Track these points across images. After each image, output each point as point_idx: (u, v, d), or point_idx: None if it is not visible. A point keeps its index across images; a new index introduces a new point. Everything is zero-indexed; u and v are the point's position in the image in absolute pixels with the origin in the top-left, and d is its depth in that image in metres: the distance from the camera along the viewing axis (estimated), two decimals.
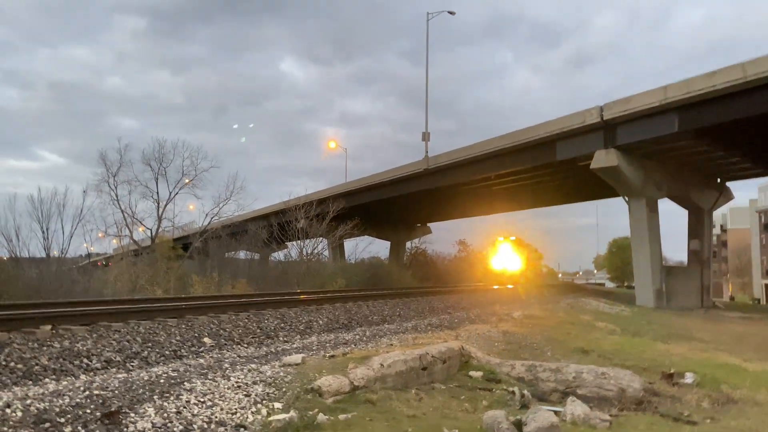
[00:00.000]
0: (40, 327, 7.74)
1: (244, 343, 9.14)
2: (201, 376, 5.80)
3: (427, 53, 43.51)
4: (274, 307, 12.60)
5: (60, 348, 7.08)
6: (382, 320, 13.13)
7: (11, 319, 7.92)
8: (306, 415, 4.94)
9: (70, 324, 8.28)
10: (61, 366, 6.58)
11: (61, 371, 6.44)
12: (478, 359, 8.27)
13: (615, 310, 23.39)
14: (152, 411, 4.66)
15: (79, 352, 7.08)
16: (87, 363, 6.85)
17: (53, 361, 6.64)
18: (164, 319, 9.62)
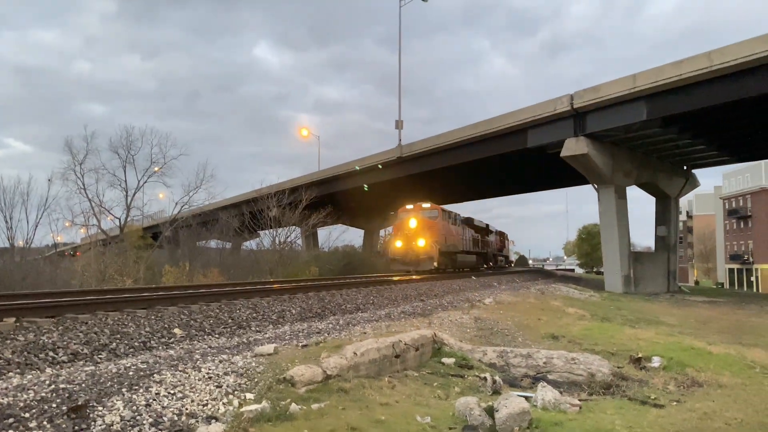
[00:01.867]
0: (3, 320, 7.53)
1: (216, 333, 9.04)
2: (171, 368, 5.71)
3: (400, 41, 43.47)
4: (246, 296, 12.49)
5: (24, 341, 6.91)
6: (356, 308, 13.12)
7: None
8: (278, 405, 4.91)
9: (35, 316, 8.09)
10: (26, 359, 6.41)
11: (26, 365, 6.28)
12: (451, 346, 8.33)
13: (584, 296, 23.79)
14: (121, 404, 4.57)
15: (45, 345, 6.91)
16: (53, 356, 6.69)
17: (17, 355, 6.47)
18: (133, 310, 9.46)
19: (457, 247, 31.80)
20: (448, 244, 29.73)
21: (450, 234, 30.26)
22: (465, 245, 33.97)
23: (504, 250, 54.14)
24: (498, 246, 49.63)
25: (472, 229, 37.14)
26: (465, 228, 34.54)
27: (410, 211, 28.80)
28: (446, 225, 29.84)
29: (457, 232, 32.05)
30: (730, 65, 21.49)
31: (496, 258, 48.68)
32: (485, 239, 41.64)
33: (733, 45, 21.59)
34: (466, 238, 34.32)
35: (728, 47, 21.68)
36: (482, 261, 40.62)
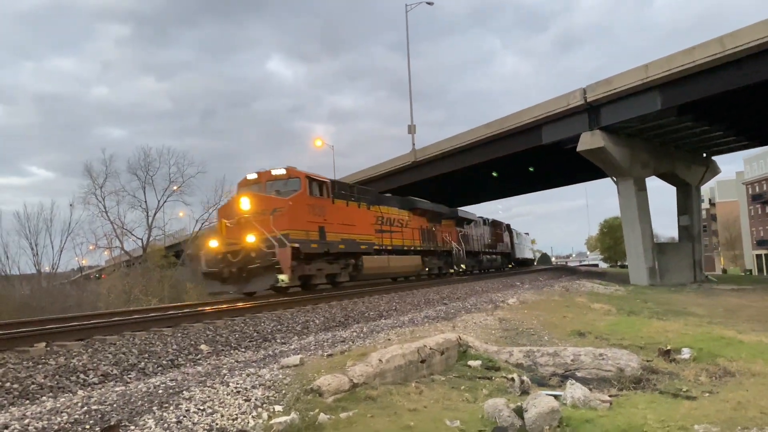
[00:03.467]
0: (34, 345, 7.67)
1: (242, 347, 9.11)
2: (200, 384, 5.78)
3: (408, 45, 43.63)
4: (270, 309, 12.56)
5: (55, 365, 7.03)
6: (379, 315, 13.12)
7: (4, 339, 7.85)
8: (307, 416, 4.94)
9: (65, 340, 8.22)
10: (58, 383, 6.52)
11: (58, 388, 6.39)
12: (476, 348, 8.29)
13: (609, 291, 23.53)
14: (152, 422, 4.63)
15: (75, 368, 7.02)
16: (84, 378, 6.80)
17: (49, 379, 6.58)
18: (160, 328, 9.57)
19: (355, 243, 18.98)
20: (327, 241, 17.10)
21: (334, 220, 17.72)
22: (384, 239, 21.28)
23: (501, 245, 42.10)
24: (490, 241, 38.83)
25: (414, 216, 25.17)
26: (384, 212, 22.00)
27: (249, 184, 17.06)
28: (323, 205, 17.36)
29: (358, 219, 19.57)
30: (744, 49, 21.19)
31: (481, 257, 36.26)
32: (448, 231, 29.48)
33: (745, 28, 21.30)
34: (387, 227, 21.77)
35: (741, 30, 21.39)
36: (437, 263, 27.73)
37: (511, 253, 46.32)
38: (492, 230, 39.84)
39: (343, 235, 18.21)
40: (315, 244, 16.49)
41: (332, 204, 18.02)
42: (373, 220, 20.97)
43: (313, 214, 16.72)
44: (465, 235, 32.27)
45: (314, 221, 16.68)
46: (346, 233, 18.48)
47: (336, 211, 18.09)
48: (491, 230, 39.59)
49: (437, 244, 27.50)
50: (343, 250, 18.14)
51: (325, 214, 17.35)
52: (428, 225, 26.69)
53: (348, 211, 19.01)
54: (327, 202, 17.73)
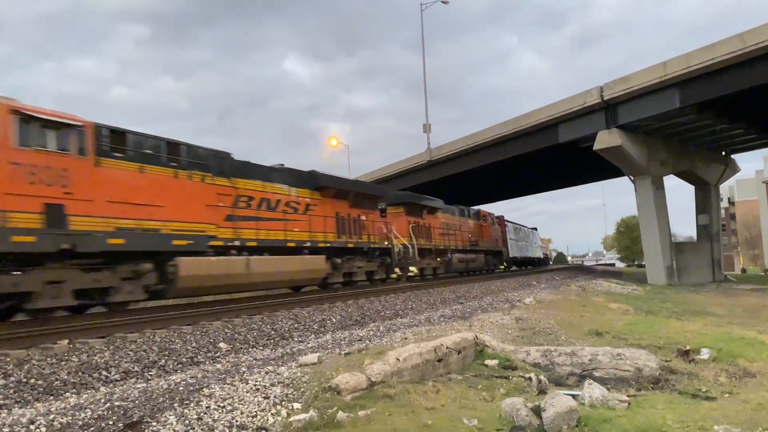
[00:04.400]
0: (57, 342, 7.81)
1: (260, 345, 9.20)
2: (219, 381, 5.85)
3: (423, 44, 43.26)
4: (287, 307, 12.65)
5: (78, 362, 7.15)
6: (395, 314, 13.16)
7: (28, 336, 8.00)
8: (326, 414, 4.98)
9: (87, 337, 8.36)
10: (81, 379, 6.64)
11: (81, 384, 6.50)
12: (493, 348, 8.29)
13: (627, 290, 23.35)
14: (173, 419, 4.70)
15: (98, 365, 7.15)
16: (106, 375, 6.91)
17: (72, 375, 6.70)
18: (179, 326, 9.69)
19: (158, 236, 11.89)
20: (69, 230, 10.02)
21: (96, 194, 10.69)
22: (244, 231, 14.18)
23: (486, 242, 33.92)
24: (469, 236, 31.35)
25: (324, 198, 17.77)
26: (247, 189, 14.65)
27: None
28: (63, 166, 10.18)
29: (173, 195, 12.38)
30: (765, 45, 20.90)
31: (450, 256, 27.56)
32: (392, 222, 22.39)
33: (766, 24, 21.01)
34: (256, 211, 14.78)
35: (762, 27, 21.10)
36: (365, 266, 20.00)
37: (502, 251, 37.16)
38: (474, 223, 32.59)
39: (123, 221, 11.03)
40: (22, 236, 9.20)
41: (91, 165, 10.59)
42: (216, 199, 13.40)
43: (27, 181, 9.46)
44: (421, 227, 24.69)
45: (29, 193, 9.45)
46: (135, 218, 11.22)
47: (103, 178, 10.76)
48: (473, 223, 32.39)
49: (367, 239, 19.76)
50: (117, 247, 10.79)
51: (71, 182, 10.12)
52: (351, 212, 19.01)
53: (143, 180, 11.61)
54: (75, 161, 10.28)
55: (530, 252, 50.53)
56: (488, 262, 34.79)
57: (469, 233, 31.51)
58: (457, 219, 30.33)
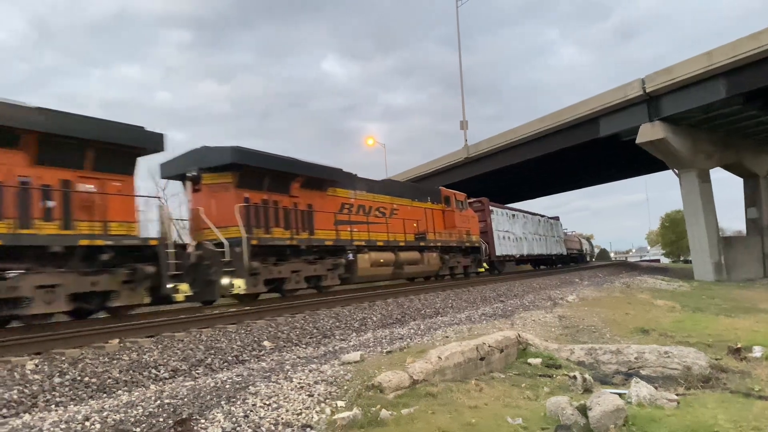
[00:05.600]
0: (108, 341, 8.06)
1: (303, 343, 9.31)
2: (264, 379, 5.95)
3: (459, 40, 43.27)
4: (327, 306, 12.78)
5: (129, 360, 7.37)
6: (435, 313, 13.15)
7: (81, 336, 8.29)
8: (369, 412, 5.02)
9: (136, 336, 8.60)
10: (132, 377, 6.85)
11: (132, 382, 6.71)
12: (536, 346, 8.21)
13: (673, 287, 22.78)
14: (221, 416, 4.81)
15: (147, 363, 7.35)
16: (155, 373, 7.11)
17: (124, 373, 6.92)
18: (224, 325, 9.89)
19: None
20: None
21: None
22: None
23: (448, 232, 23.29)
24: (404, 226, 19.95)
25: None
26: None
27: None
28: None
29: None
30: None
31: (349, 254, 16.77)
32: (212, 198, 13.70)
33: None
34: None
35: None
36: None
37: (479, 248, 25.94)
38: (427, 207, 22.34)
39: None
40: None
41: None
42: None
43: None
44: (280, 209, 14.82)
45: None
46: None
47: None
48: (424, 207, 22.05)
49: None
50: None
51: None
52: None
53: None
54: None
55: (546, 247, 39.69)
56: (450, 264, 22.88)
57: (413, 221, 20.68)
58: (383, 200, 19.54)
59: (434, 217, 22.56)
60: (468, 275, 24.88)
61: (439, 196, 23.47)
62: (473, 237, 25.44)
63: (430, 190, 24.11)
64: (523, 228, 34.84)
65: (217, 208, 13.36)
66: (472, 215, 26.23)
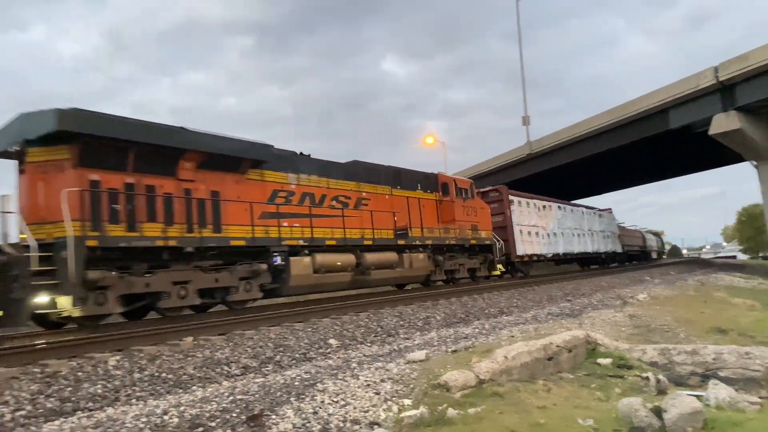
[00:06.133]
0: (183, 339, 8.40)
1: (367, 342, 9.41)
2: (331, 377, 6.05)
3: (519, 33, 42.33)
4: (390, 305, 12.85)
5: (202, 357, 7.66)
6: (500, 312, 13.00)
7: (158, 334, 8.67)
8: (436, 411, 5.02)
9: (209, 334, 8.92)
10: (205, 374, 7.11)
11: (206, 379, 6.96)
12: (606, 346, 8.00)
13: (751, 284, 21.67)
14: (291, 412, 4.92)
15: (219, 360, 7.62)
16: (227, 370, 7.36)
17: (198, 370, 7.19)
18: (291, 323, 10.13)
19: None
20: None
21: None
22: None
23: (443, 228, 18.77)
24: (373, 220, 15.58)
25: None
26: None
27: None
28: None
29: None
30: None
31: (274, 258, 12.68)
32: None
33: None
34: None
35: None
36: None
37: (492, 246, 21.36)
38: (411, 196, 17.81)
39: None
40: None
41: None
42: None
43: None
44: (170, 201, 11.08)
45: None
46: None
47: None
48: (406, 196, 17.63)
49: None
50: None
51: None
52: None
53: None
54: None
55: (592, 244, 33.32)
56: (446, 267, 18.77)
57: (390, 214, 16.45)
58: (345, 186, 15.39)
59: (425, 209, 18.16)
60: (476, 279, 20.48)
61: (433, 183, 19.14)
62: (482, 233, 20.74)
63: (420, 175, 18.77)
64: (558, 222, 29.10)
65: (46, 195, 9.83)
66: (481, 206, 21.50)
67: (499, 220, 23.56)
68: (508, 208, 24.39)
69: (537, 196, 28.12)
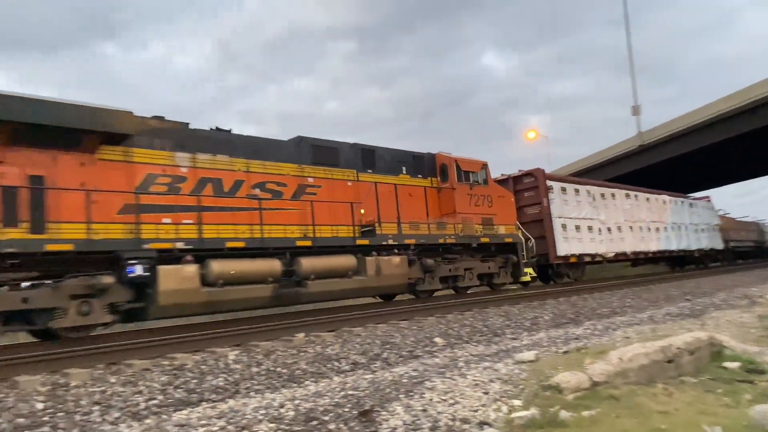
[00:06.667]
0: (295, 335, 8.76)
1: (473, 341, 9.36)
2: (439, 375, 6.08)
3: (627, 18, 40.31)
4: (496, 304, 12.70)
5: (314, 353, 7.96)
6: (612, 312, 12.47)
7: (273, 330, 9.10)
8: (547, 412, 4.91)
9: (319, 331, 9.25)
10: (317, 369, 7.38)
11: (318, 374, 7.22)
12: (732, 349, 7.44)
13: None
14: (401, 409, 5.00)
15: (330, 356, 7.88)
16: (337, 366, 7.59)
17: (310, 365, 7.48)
18: (397, 321, 10.28)
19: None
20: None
21: None
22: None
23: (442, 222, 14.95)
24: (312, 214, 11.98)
25: None
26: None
27: None
28: None
29: None
30: None
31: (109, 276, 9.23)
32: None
33: None
34: None
35: None
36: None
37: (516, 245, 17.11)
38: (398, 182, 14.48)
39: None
40: None
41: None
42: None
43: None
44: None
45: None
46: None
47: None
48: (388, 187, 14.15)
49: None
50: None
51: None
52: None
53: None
54: None
55: (678, 240, 27.49)
56: (440, 273, 14.70)
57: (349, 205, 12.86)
58: (277, 171, 12.06)
59: (411, 199, 14.44)
60: (495, 288, 16.61)
61: (428, 166, 15.42)
62: (500, 228, 16.56)
63: (406, 156, 14.96)
64: (624, 213, 23.87)
65: None
66: (500, 194, 17.23)
67: (535, 212, 19.72)
68: (546, 196, 19.76)
69: (592, 182, 24.12)
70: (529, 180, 20.13)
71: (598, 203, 22.39)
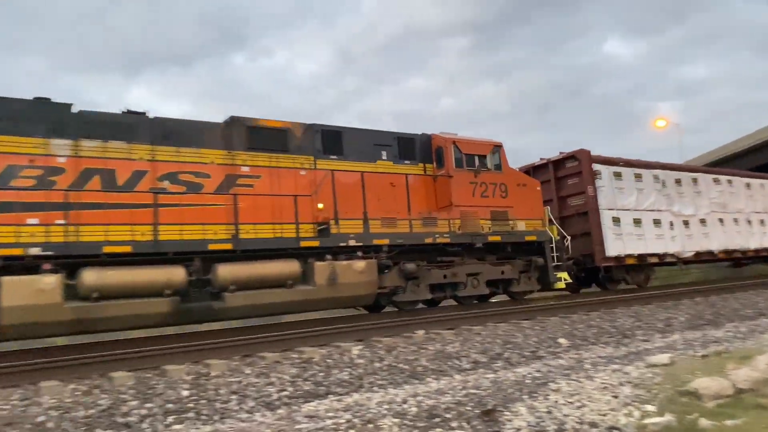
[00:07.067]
0: (415, 332, 8.87)
1: (600, 343, 8.98)
2: (564, 377, 5.91)
3: None
4: (624, 304, 12.08)
5: (434, 350, 8.01)
6: (758, 314, 11.44)
7: (393, 326, 9.28)
8: (684, 419, 4.61)
9: (439, 328, 9.29)
10: (438, 366, 7.42)
11: (439, 371, 7.26)
12: None
13: None
14: (524, 410, 4.91)
15: (450, 354, 7.89)
16: (458, 364, 7.59)
17: (431, 362, 7.54)
18: (518, 321, 10.10)
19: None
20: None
21: None
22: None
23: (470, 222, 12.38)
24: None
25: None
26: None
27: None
28: None
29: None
30: None
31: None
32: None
33: None
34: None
35: None
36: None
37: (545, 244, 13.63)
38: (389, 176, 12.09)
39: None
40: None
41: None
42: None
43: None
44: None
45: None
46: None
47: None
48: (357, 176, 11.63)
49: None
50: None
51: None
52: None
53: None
54: None
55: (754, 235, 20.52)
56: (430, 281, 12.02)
57: (293, 196, 10.65)
58: (202, 157, 10.11)
59: (392, 189, 11.87)
60: (516, 297, 13.67)
61: (422, 150, 12.61)
62: (518, 223, 13.28)
63: (388, 137, 12.28)
64: (710, 202, 19.04)
65: None
66: (519, 182, 13.78)
67: (580, 203, 16.09)
68: (592, 183, 15.82)
69: (666, 164, 18.79)
70: (573, 164, 16.39)
71: (671, 190, 17.84)
